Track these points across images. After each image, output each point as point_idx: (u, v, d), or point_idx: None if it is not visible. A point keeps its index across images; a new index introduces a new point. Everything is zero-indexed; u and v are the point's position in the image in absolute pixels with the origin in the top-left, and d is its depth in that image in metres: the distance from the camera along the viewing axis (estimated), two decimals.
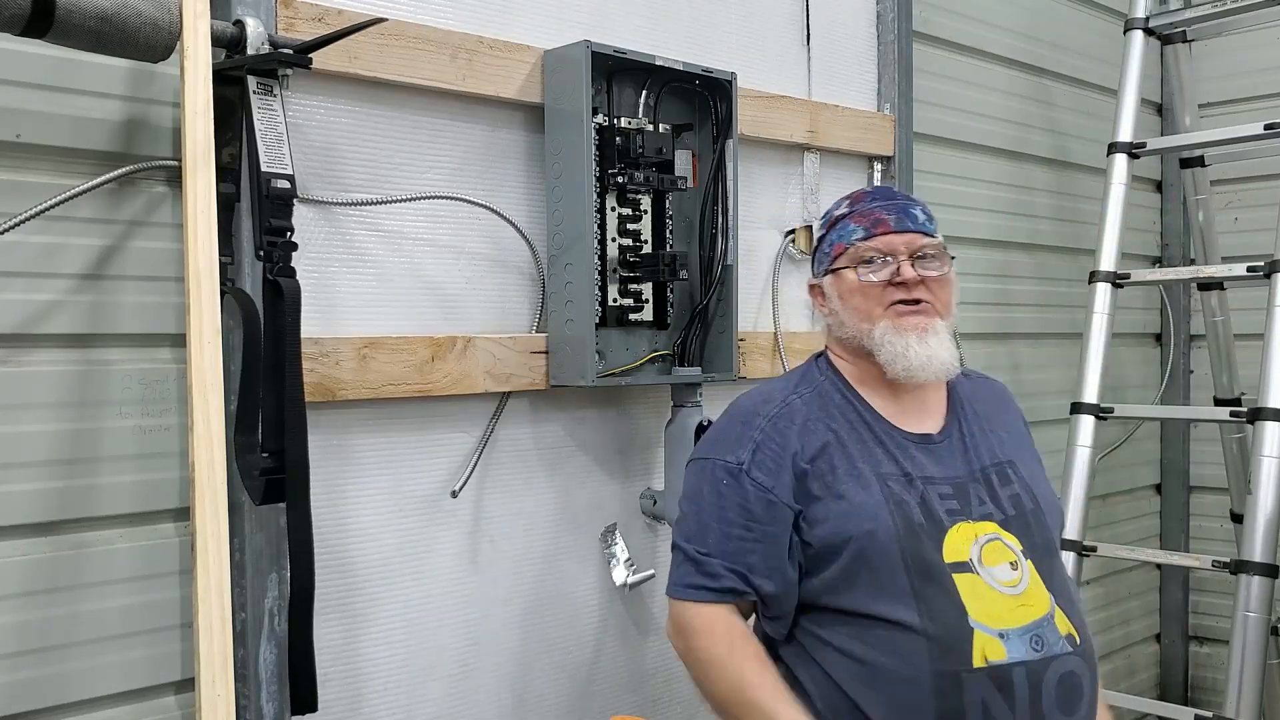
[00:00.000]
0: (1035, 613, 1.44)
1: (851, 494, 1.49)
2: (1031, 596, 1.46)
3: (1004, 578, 1.46)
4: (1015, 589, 1.45)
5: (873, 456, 1.53)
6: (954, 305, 1.59)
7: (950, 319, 1.57)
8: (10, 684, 1.42)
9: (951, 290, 1.59)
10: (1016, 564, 1.47)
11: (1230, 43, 3.46)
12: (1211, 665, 3.73)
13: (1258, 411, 2.52)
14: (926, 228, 1.59)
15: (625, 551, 2.07)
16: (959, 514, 1.50)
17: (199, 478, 1.35)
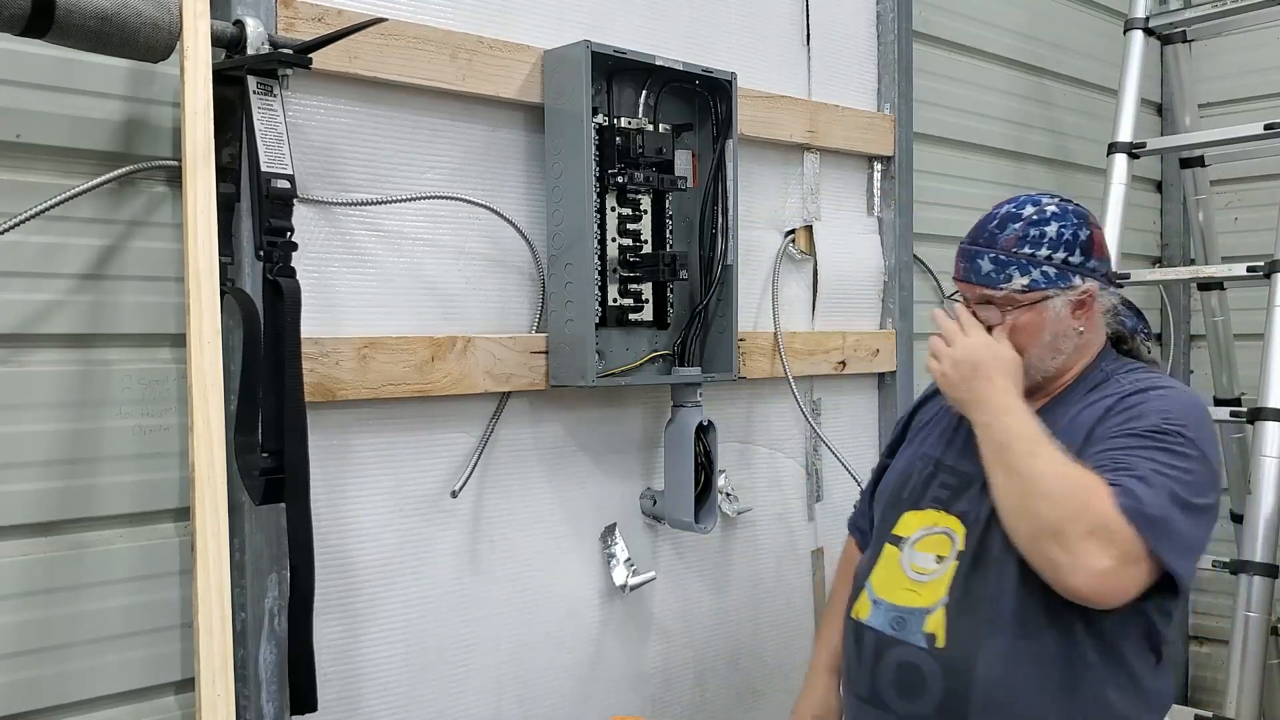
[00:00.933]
0: (915, 601, 1.56)
1: (897, 460, 1.77)
2: (926, 590, 1.55)
3: (920, 564, 1.58)
4: (920, 576, 1.57)
5: (932, 437, 1.72)
6: (1031, 350, 1.56)
7: (1024, 359, 1.56)
8: (10, 684, 1.42)
9: (1025, 337, 1.55)
10: (943, 560, 1.56)
11: (1230, 43, 3.46)
12: (1211, 665, 3.73)
13: (1258, 411, 2.52)
14: (988, 280, 1.56)
15: (625, 552, 2.07)
16: (939, 502, 1.62)
17: (199, 478, 1.35)
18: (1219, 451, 1.52)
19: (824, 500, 2.49)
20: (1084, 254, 1.56)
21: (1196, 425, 1.47)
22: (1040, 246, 1.55)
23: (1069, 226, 1.56)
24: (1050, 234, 1.55)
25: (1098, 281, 1.58)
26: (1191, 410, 1.50)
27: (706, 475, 2.06)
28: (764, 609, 2.37)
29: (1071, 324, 1.57)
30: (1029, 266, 1.55)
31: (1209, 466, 1.45)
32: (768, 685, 2.37)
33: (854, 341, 2.49)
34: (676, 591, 2.21)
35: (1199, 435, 1.46)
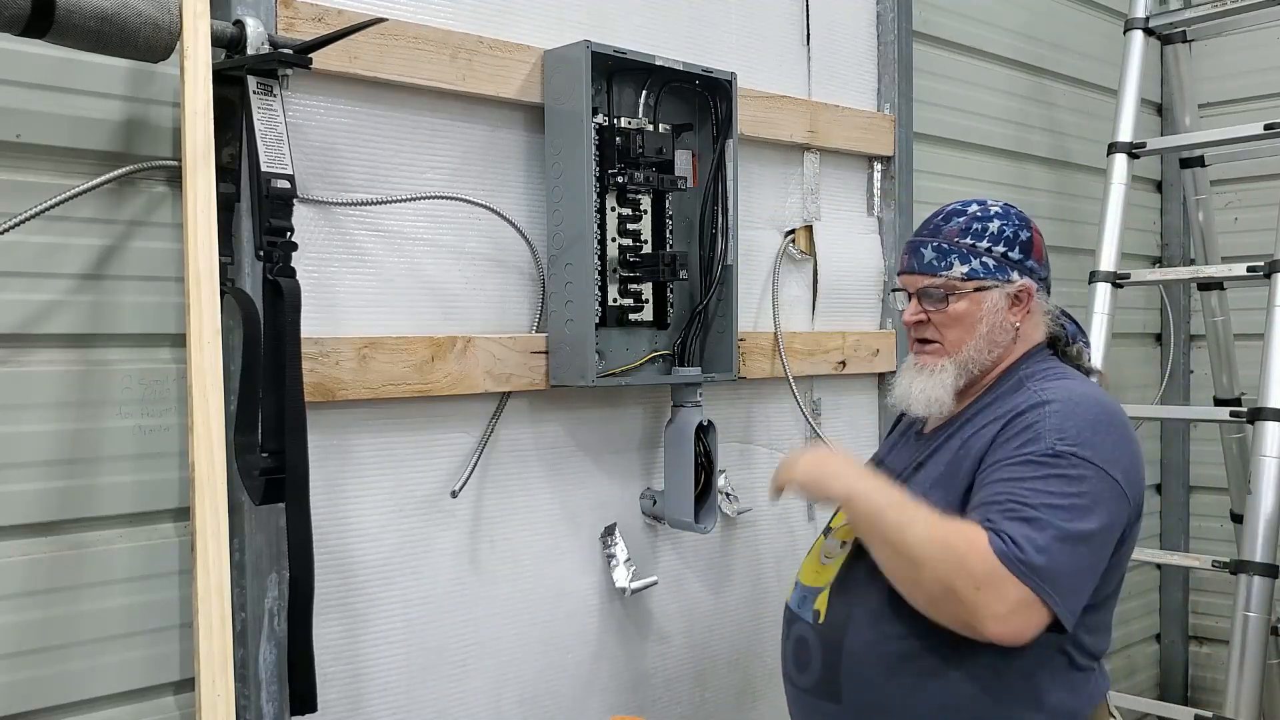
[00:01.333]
0: (815, 581, 1.67)
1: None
2: (825, 571, 1.66)
3: (830, 550, 1.68)
4: (826, 560, 1.68)
5: (893, 442, 1.83)
6: (970, 341, 1.61)
7: (961, 355, 1.62)
8: (10, 684, 1.42)
9: (964, 327, 1.62)
10: (845, 545, 1.65)
11: (1230, 43, 3.46)
12: (1211, 665, 3.73)
13: (1258, 411, 2.52)
14: (930, 267, 1.63)
15: (625, 552, 2.07)
16: None
17: (199, 478, 1.35)
18: (1129, 453, 1.49)
19: None
20: (1023, 252, 1.63)
21: (1092, 440, 1.46)
22: (981, 239, 1.62)
23: (1010, 225, 1.64)
24: (992, 229, 1.63)
25: (1034, 281, 1.63)
26: (1088, 424, 1.48)
27: (706, 475, 2.06)
28: (764, 609, 2.37)
29: (1008, 318, 1.62)
30: (969, 256, 1.61)
31: (1105, 480, 1.44)
32: (768, 685, 2.37)
33: (854, 341, 2.49)
34: (676, 591, 2.21)
35: (1095, 451, 1.45)
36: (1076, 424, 1.47)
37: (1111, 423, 1.50)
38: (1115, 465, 1.46)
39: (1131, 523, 1.51)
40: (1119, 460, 1.47)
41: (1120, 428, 1.51)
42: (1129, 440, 1.52)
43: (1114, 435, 1.49)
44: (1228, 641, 2.45)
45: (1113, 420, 1.51)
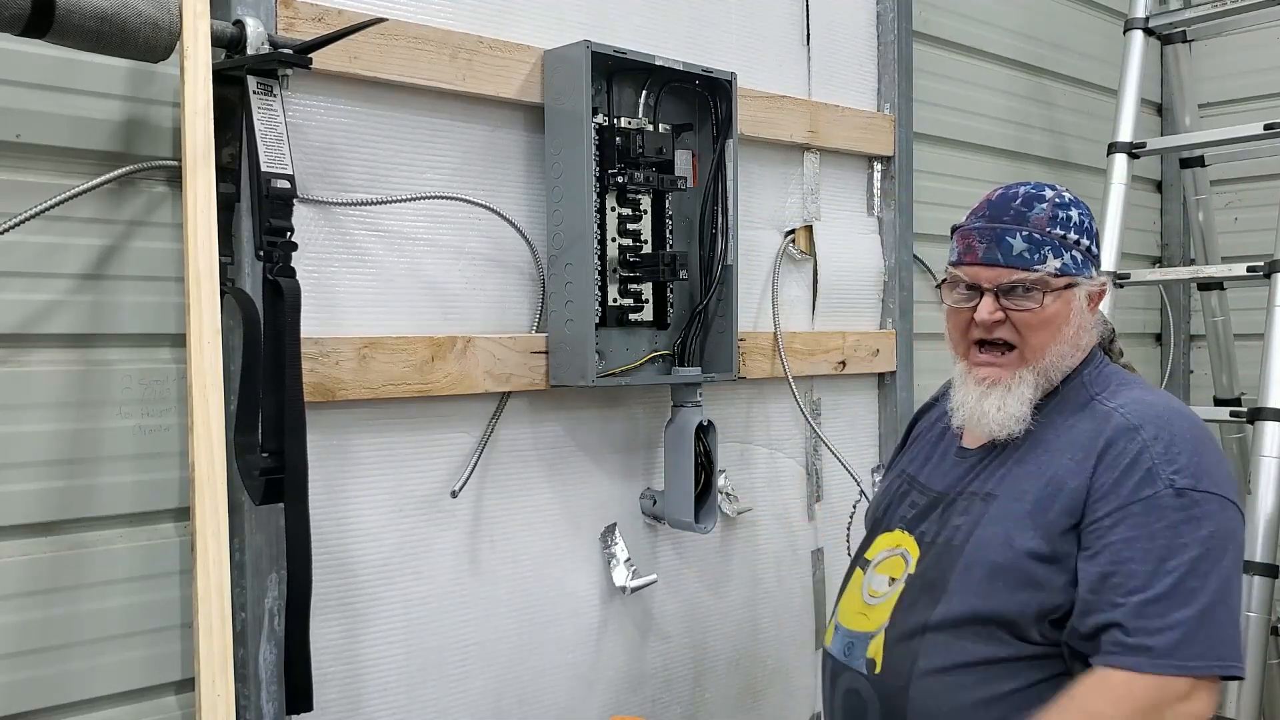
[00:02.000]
0: (865, 626, 1.50)
1: (887, 475, 1.77)
2: (874, 613, 1.50)
3: (876, 587, 1.53)
4: (873, 600, 1.52)
5: (919, 454, 1.67)
6: (1054, 346, 1.46)
7: (1042, 362, 1.47)
8: (10, 684, 1.42)
9: (1051, 330, 1.46)
10: (894, 582, 1.50)
11: (1230, 43, 3.46)
12: None
13: (1258, 411, 2.52)
14: (1021, 260, 1.44)
15: (625, 552, 2.07)
16: (905, 521, 1.57)
17: (199, 478, 1.35)
18: (1228, 464, 1.41)
19: (824, 500, 2.49)
20: (1097, 245, 1.51)
21: (1204, 466, 1.35)
22: (1069, 229, 1.46)
23: (1087, 215, 1.50)
24: (1074, 219, 1.47)
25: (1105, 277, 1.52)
26: (1191, 446, 1.37)
27: (706, 475, 2.06)
28: (764, 609, 2.37)
29: (1089, 317, 1.49)
30: (1061, 249, 1.45)
31: (1228, 509, 1.35)
32: (768, 685, 2.37)
33: (854, 341, 2.49)
34: (676, 591, 2.21)
35: (1213, 480, 1.35)
36: (1185, 450, 1.36)
37: (1206, 436, 1.40)
38: (1230, 486, 1.37)
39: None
40: (1231, 479, 1.39)
41: (1210, 437, 1.42)
42: (1219, 452, 1.44)
43: (1215, 451, 1.40)
44: None
45: (1203, 431, 1.41)
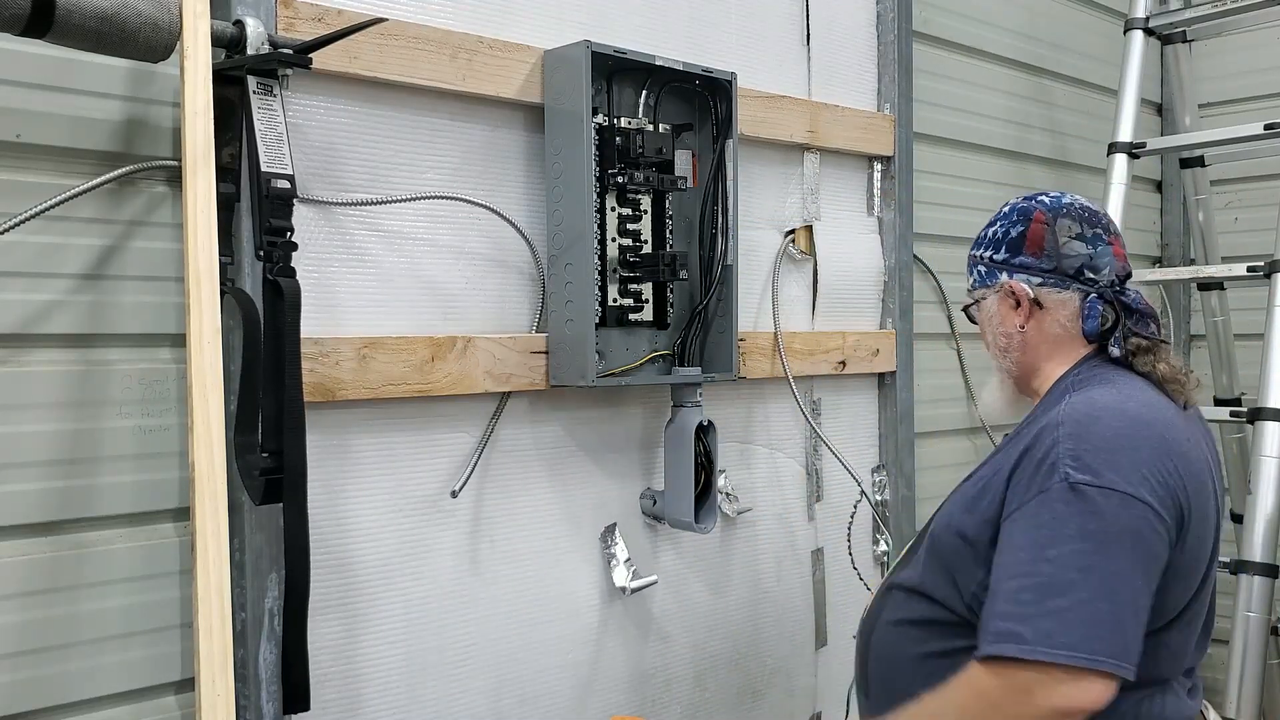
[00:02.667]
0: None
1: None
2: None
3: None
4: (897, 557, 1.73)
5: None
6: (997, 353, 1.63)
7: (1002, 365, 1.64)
8: (10, 684, 1.42)
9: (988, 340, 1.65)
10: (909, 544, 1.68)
11: (1230, 43, 3.46)
12: (1211, 665, 3.72)
13: (1258, 411, 2.52)
14: (969, 278, 1.67)
15: (625, 552, 2.07)
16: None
17: (199, 478, 1.35)
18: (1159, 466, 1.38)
19: (824, 500, 2.49)
20: (1010, 250, 1.58)
21: (1111, 462, 1.35)
22: (980, 246, 1.63)
23: (1004, 224, 1.60)
24: (987, 234, 1.63)
25: (1028, 276, 1.56)
26: (1105, 443, 1.38)
27: (706, 475, 2.06)
28: (764, 609, 2.37)
29: (1013, 321, 1.58)
30: (972, 267, 1.65)
31: (1132, 506, 1.34)
32: (768, 685, 2.37)
33: (854, 341, 2.49)
34: (676, 591, 2.21)
35: (1118, 475, 1.34)
36: (1092, 445, 1.37)
37: (1136, 435, 1.39)
38: (1143, 485, 1.35)
39: (1178, 539, 1.39)
40: (1146, 478, 1.36)
41: (1146, 439, 1.39)
42: (1158, 452, 1.39)
43: (1138, 451, 1.38)
44: (1228, 641, 2.45)
45: (1137, 432, 1.40)
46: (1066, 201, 1.58)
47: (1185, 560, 1.41)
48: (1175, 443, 1.43)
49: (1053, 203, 1.58)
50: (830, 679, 2.49)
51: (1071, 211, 1.57)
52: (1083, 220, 1.57)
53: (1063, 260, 1.55)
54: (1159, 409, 1.46)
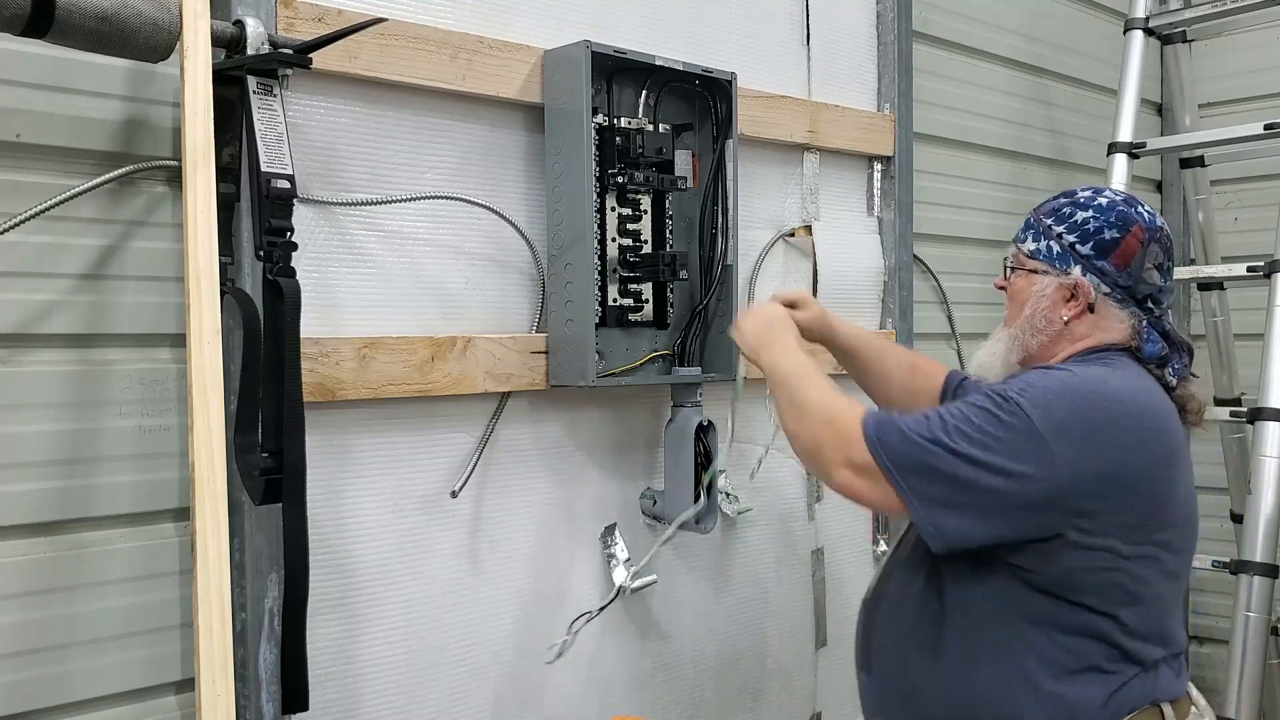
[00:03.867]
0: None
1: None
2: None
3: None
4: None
5: None
6: (1019, 319, 1.61)
7: (1013, 330, 1.63)
8: (10, 684, 1.42)
9: (1018, 304, 1.62)
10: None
11: (1230, 43, 3.46)
12: (1211, 665, 3.73)
13: (1258, 411, 2.52)
14: (1016, 239, 1.65)
15: (625, 552, 2.07)
16: None
17: (199, 478, 1.35)
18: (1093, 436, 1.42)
19: (824, 500, 2.49)
20: (1097, 250, 1.55)
21: (1049, 403, 1.42)
22: (1061, 224, 1.58)
23: (1099, 221, 1.55)
24: (1077, 218, 1.57)
25: (1100, 282, 1.55)
26: (1057, 391, 1.43)
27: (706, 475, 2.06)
28: (764, 609, 2.37)
29: (1057, 309, 1.57)
30: (1041, 236, 1.59)
31: (1035, 439, 1.40)
32: (768, 685, 2.37)
33: None
34: (676, 591, 2.21)
35: (1044, 413, 1.41)
36: (1045, 385, 1.45)
37: (1091, 402, 1.43)
38: (1060, 434, 1.40)
39: (1073, 505, 1.42)
40: (1068, 431, 1.41)
41: (1098, 410, 1.43)
42: (1101, 424, 1.43)
43: (1083, 414, 1.42)
44: (1228, 641, 2.45)
45: (1095, 401, 1.43)
46: (1159, 224, 1.58)
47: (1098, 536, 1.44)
48: (1151, 417, 1.47)
49: (1150, 221, 1.56)
50: (830, 679, 2.49)
51: (1163, 238, 1.57)
52: (1166, 252, 1.58)
53: (1139, 284, 1.56)
54: (1146, 392, 1.50)
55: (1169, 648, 1.54)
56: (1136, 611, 1.48)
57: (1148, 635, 1.50)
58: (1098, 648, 1.47)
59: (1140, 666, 1.50)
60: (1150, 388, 1.52)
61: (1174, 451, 1.50)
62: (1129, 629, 1.48)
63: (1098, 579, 1.46)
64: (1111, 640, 1.47)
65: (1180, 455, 1.52)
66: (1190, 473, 1.56)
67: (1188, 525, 1.55)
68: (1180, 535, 1.53)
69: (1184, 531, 1.54)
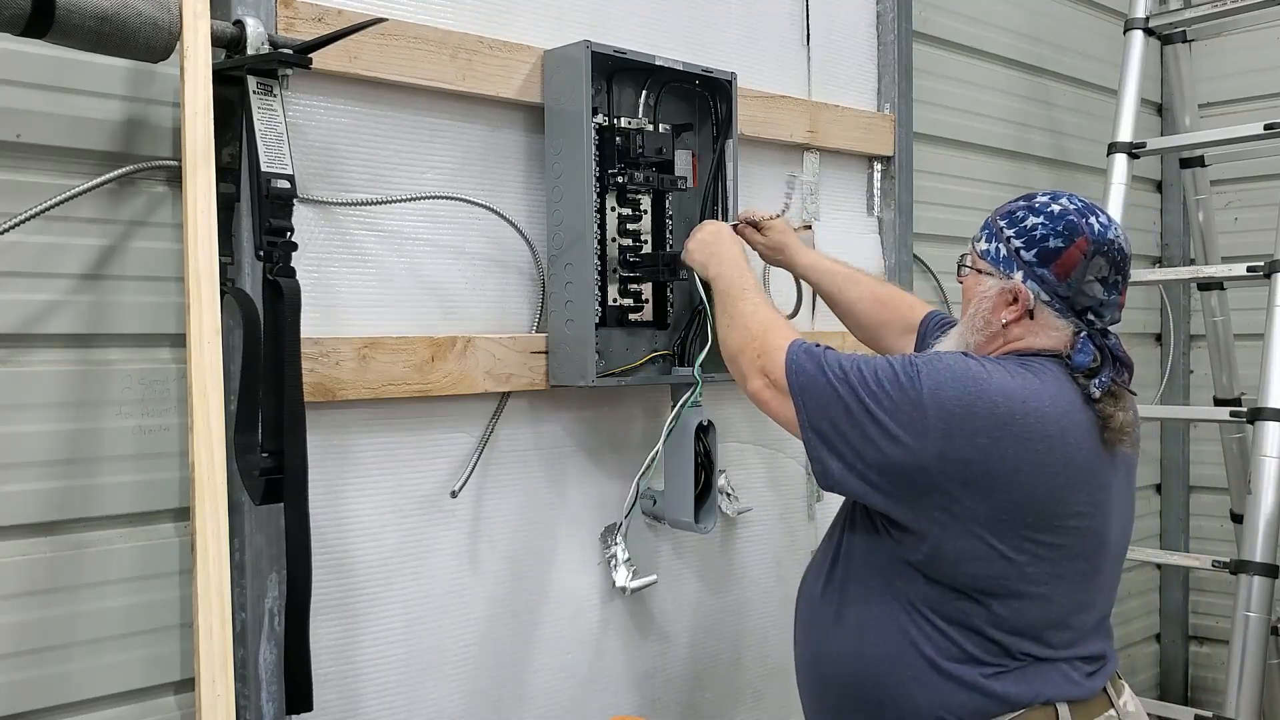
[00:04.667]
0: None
1: None
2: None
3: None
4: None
5: None
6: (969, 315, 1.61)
7: (960, 327, 1.64)
8: (10, 684, 1.42)
9: (966, 301, 1.63)
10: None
11: (1230, 43, 3.46)
12: (1211, 665, 3.74)
13: (1258, 411, 2.52)
14: (975, 236, 1.66)
15: (625, 552, 2.07)
16: None
17: (199, 478, 1.35)
18: (975, 429, 1.44)
19: (824, 500, 2.49)
20: (1040, 258, 1.54)
21: (943, 381, 1.46)
22: (1012, 227, 1.58)
23: (1046, 228, 1.54)
24: (1026, 224, 1.56)
25: (1040, 289, 1.54)
26: (955, 377, 1.46)
27: (706, 475, 2.06)
28: (764, 609, 2.37)
29: (1000, 312, 1.57)
30: (993, 237, 1.61)
31: (918, 409, 1.45)
32: (768, 685, 2.37)
33: (854, 342, 2.48)
34: (676, 591, 2.21)
35: (934, 389, 1.45)
36: (949, 364, 1.49)
37: (980, 393, 1.45)
38: (940, 412, 1.44)
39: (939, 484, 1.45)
40: (949, 412, 1.44)
41: (982, 401, 1.45)
42: (981, 414, 1.44)
43: (967, 401, 1.45)
44: (1228, 641, 2.45)
45: (984, 393, 1.45)
46: (1110, 238, 1.55)
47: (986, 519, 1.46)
48: (1042, 423, 1.47)
49: (1099, 234, 1.54)
50: None
51: (1110, 252, 1.55)
52: (1114, 265, 1.55)
53: (1078, 296, 1.54)
54: (1052, 399, 1.49)
55: (1064, 650, 1.53)
56: (1012, 606, 1.49)
57: (1023, 631, 1.51)
58: (973, 638, 1.50)
59: (1021, 662, 1.51)
60: (1059, 396, 1.50)
61: (1068, 462, 1.49)
62: (1003, 622, 1.49)
63: (973, 567, 1.48)
64: (984, 632, 1.50)
65: (1077, 468, 1.50)
66: (1108, 492, 1.54)
67: (1093, 537, 1.53)
68: (1082, 544, 1.52)
69: (1087, 542, 1.52)
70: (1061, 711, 1.51)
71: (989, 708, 1.49)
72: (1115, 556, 1.61)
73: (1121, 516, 1.60)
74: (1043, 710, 1.50)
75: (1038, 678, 1.51)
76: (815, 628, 1.65)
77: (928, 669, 1.50)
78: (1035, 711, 1.50)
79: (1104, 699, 1.57)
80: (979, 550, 1.47)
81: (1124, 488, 1.60)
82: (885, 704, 1.53)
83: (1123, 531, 1.62)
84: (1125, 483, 1.60)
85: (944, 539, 1.47)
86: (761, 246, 2.04)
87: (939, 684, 1.50)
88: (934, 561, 1.49)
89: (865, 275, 2.06)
